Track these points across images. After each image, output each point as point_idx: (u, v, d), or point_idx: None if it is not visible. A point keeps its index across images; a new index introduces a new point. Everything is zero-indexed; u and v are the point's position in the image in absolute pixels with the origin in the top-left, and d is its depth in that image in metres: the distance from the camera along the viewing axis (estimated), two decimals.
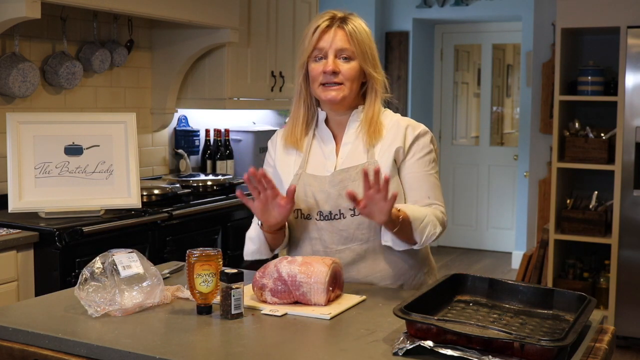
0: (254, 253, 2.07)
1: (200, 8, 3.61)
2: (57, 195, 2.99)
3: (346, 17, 2.00)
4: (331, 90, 1.99)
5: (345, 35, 1.98)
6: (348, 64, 1.98)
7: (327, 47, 1.97)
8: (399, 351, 1.45)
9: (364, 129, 2.03)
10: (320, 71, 1.98)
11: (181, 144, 4.24)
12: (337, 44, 1.97)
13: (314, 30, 1.99)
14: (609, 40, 4.72)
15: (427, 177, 2.01)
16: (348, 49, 1.98)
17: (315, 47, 1.98)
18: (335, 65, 1.97)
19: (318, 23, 1.99)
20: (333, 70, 1.97)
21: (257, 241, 2.04)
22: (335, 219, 1.99)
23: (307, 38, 2.00)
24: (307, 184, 2.02)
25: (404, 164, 2.02)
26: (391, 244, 1.96)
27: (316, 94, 2.03)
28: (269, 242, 2.04)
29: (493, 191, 7.16)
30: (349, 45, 1.97)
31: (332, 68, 1.96)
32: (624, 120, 4.40)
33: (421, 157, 2.02)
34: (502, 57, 7.65)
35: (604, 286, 4.58)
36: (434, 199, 2.01)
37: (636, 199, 4.41)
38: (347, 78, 1.99)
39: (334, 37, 1.97)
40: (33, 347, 1.58)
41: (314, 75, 2.00)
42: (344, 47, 1.97)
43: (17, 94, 3.20)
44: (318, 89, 2.01)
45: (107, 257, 1.75)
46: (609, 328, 1.67)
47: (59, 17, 3.42)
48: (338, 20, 2.00)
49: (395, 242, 1.95)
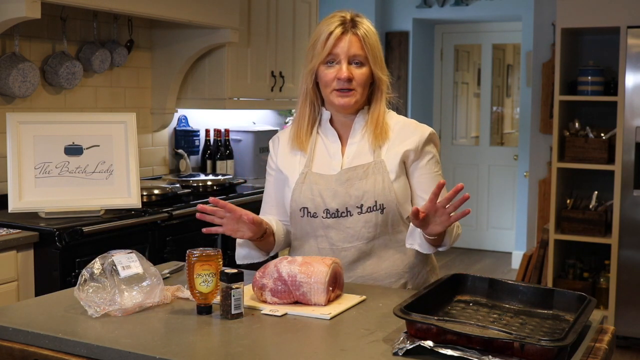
0: (245, 257, 2.10)
1: (200, 8, 3.61)
2: (57, 195, 2.99)
3: (356, 21, 2.00)
4: (345, 97, 2.00)
5: (359, 41, 1.98)
6: (360, 70, 2.00)
7: (341, 53, 1.98)
8: (399, 351, 1.45)
9: (370, 129, 2.04)
10: (333, 77, 1.99)
11: (181, 144, 4.24)
12: (351, 50, 1.98)
13: (327, 36, 1.98)
14: (609, 40, 4.72)
15: (437, 178, 2.05)
16: (361, 55, 1.99)
17: (330, 53, 1.98)
18: (350, 72, 1.98)
19: (331, 29, 1.98)
20: (348, 77, 1.98)
21: (246, 246, 2.08)
22: (342, 217, 2.00)
23: (320, 43, 1.99)
24: (314, 182, 2.03)
25: (416, 166, 2.04)
26: (418, 247, 1.99)
27: (328, 99, 2.04)
28: (259, 247, 2.07)
29: (493, 191, 7.16)
30: (362, 52, 1.99)
31: (347, 75, 1.97)
32: (624, 120, 4.40)
33: (430, 159, 2.06)
34: (502, 57, 7.65)
35: (604, 286, 4.58)
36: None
37: (636, 199, 4.41)
38: (360, 84, 2.00)
39: (349, 44, 1.98)
40: (33, 347, 1.58)
41: (326, 80, 2.01)
42: (357, 53, 1.98)
43: (17, 94, 3.20)
44: (331, 95, 2.02)
45: (106, 258, 1.75)
46: (609, 328, 1.67)
47: (59, 17, 3.42)
48: (350, 24, 1.99)
49: (423, 246, 1.98)
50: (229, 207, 1.91)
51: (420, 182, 2.04)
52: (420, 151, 2.03)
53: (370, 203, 1.98)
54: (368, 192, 1.98)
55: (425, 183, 2.04)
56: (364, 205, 1.98)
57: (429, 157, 2.05)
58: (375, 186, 1.98)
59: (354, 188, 1.99)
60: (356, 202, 1.98)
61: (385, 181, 1.99)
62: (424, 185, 2.04)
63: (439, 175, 2.06)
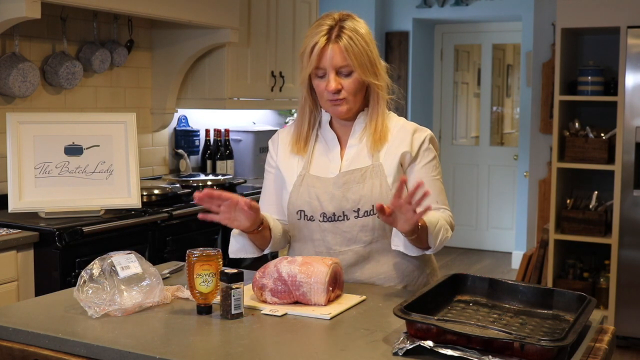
0: (239, 251, 2.05)
1: (200, 8, 3.61)
2: (57, 195, 2.99)
3: (342, 27, 1.96)
4: (337, 106, 2.00)
5: (342, 52, 1.95)
6: (349, 79, 1.97)
7: (327, 66, 1.96)
8: (399, 351, 1.45)
9: (369, 132, 2.03)
10: (323, 89, 1.98)
11: (181, 144, 4.24)
12: (335, 62, 1.95)
13: (311, 48, 1.96)
14: (609, 40, 4.72)
15: (434, 182, 2.03)
16: (346, 65, 1.96)
17: (317, 66, 1.97)
18: (337, 83, 1.96)
19: (315, 40, 1.95)
20: (336, 89, 1.96)
21: (241, 239, 2.02)
22: (339, 221, 1.99)
23: (306, 55, 1.98)
24: (311, 185, 2.02)
25: (412, 169, 2.02)
26: (403, 249, 1.96)
27: (324, 108, 2.06)
28: (253, 242, 2.02)
29: (493, 191, 7.16)
30: (346, 62, 1.95)
31: (334, 87, 1.96)
32: (624, 120, 4.40)
33: (428, 162, 2.03)
34: (502, 57, 7.65)
35: (604, 286, 4.58)
36: (441, 204, 2.03)
37: (636, 199, 4.41)
38: (350, 92, 1.98)
39: (331, 55, 1.95)
40: (33, 347, 1.58)
41: (319, 91, 2.01)
42: (342, 64, 1.95)
43: (17, 94, 3.20)
44: (325, 104, 2.02)
45: (105, 260, 1.75)
46: (609, 328, 1.67)
47: (59, 17, 3.42)
48: (335, 32, 1.95)
49: (408, 248, 1.95)
50: (225, 195, 1.86)
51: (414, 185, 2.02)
52: (416, 154, 2.02)
53: (367, 207, 1.97)
54: (365, 196, 1.97)
55: None
56: (360, 210, 1.97)
57: (426, 161, 2.03)
58: (372, 190, 1.97)
59: (351, 192, 1.98)
60: (353, 206, 1.97)
61: (383, 185, 1.98)
62: None
63: (436, 179, 2.04)
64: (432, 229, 1.89)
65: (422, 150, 2.03)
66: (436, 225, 1.90)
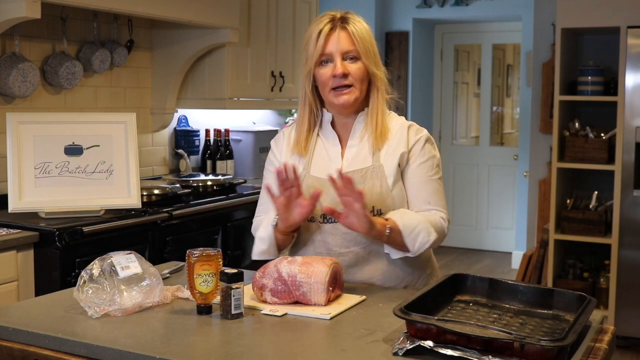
0: (263, 253, 2.05)
1: (200, 8, 3.61)
2: (57, 195, 2.99)
3: (346, 17, 1.99)
4: (343, 95, 1.99)
5: (349, 35, 1.97)
6: (356, 64, 1.98)
7: (334, 51, 1.97)
8: (399, 351, 1.45)
9: (369, 130, 2.02)
10: (329, 75, 1.97)
11: (181, 144, 4.24)
12: (342, 46, 1.96)
13: (317, 35, 1.97)
14: (609, 40, 4.72)
15: (428, 182, 2.01)
16: (353, 49, 1.97)
17: (323, 52, 1.97)
18: (344, 67, 1.97)
19: (320, 27, 1.97)
20: (343, 73, 1.96)
21: (268, 242, 2.03)
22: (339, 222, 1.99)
23: (312, 43, 1.98)
24: (311, 186, 2.01)
25: (407, 169, 2.02)
26: (386, 249, 1.98)
27: (328, 100, 2.03)
28: (279, 244, 2.03)
29: (493, 191, 7.16)
30: (353, 46, 1.97)
31: (342, 71, 1.96)
32: (624, 120, 4.40)
33: (423, 162, 2.02)
34: (502, 57, 7.65)
35: (604, 286, 4.58)
36: (434, 205, 2.01)
37: (636, 199, 4.41)
38: (357, 79, 1.98)
39: (338, 39, 1.96)
40: (33, 347, 1.58)
41: (323, 80, 1.99)
42: (349, 48, 1.97)
43: (17, 94, 3.20)
44: (330, 94, 2.00)
45: (105, 260, 1.75)
46: (609, 328, 1.67)
47: (59, 17, 3.42)
48: (339, 21, 1.98)
49: (391, 250, 1.97)
50: (299, 182, 1.90)
51: (411, 184, 2.01)
52: (412, 153, 2.01)
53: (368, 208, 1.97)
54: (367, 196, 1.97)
55: (415, 186, 2.01)
56: None
57: (422, 160, 2.02)
58: (372, 192, 1.97)
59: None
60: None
61: (383, 187, 1.97)
62: (414, 188, 2.01)
63: (432, 179, 2.02)
64: (408, 232, 1.90)
65: (417, 150, 2.02)
66: (414, 228, 1.90)
